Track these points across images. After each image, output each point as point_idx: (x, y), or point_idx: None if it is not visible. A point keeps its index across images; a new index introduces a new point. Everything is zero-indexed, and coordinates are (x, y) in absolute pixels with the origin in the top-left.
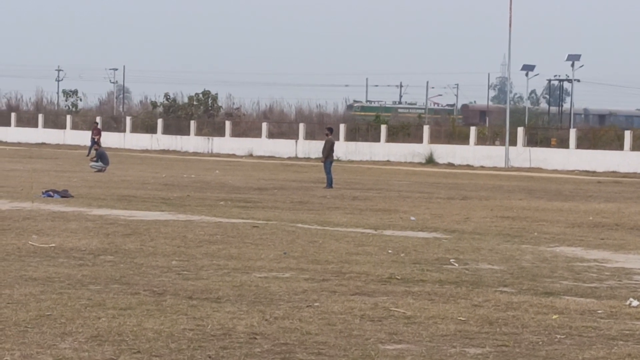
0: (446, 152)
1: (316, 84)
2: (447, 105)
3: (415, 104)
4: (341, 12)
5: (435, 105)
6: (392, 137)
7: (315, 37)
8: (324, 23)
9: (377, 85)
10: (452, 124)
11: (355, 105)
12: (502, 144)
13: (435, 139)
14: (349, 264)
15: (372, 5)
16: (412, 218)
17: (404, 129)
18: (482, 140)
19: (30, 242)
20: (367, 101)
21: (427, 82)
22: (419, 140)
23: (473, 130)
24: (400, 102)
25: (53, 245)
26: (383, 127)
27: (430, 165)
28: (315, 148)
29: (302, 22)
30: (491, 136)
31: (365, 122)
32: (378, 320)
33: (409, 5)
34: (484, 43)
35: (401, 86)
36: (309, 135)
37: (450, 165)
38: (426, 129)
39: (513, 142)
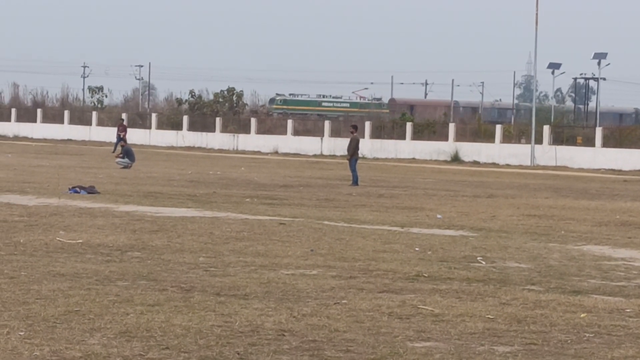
0: (472, 150)
1: (341, 81)
2: (374, 99)
3: (340, 97)
4: (367, 10)
5: (362, 99)
6: (418, 134)
7: (341, 35)
8: (350, 20)
9: (402, 83)
10: (478, 122)
11: (277, 98)
12: (528, 142)
13: (460, 136)
14: (376, 262)
15: (398, 3)
16: (439, 216)
17: (430, 127)
18: (507, 138)
19: (57, 238)
20: (289, 94)
21: (453, 80)
22: (445, 138)
23: (499, 128)
24: (324, 96)
25: (80, 241)
26: (409, 125)
27: (456, 163)
28: (340, 145)
29: (327, 19)
30: (517, 134)
31: (390, 120)
32: (406, 317)
33: (435, 3)
34: (510, 41)
35: (426, 84)
36: (334, 133)
37: (476, 163)
38: (452, 127)
39: (539, 141)
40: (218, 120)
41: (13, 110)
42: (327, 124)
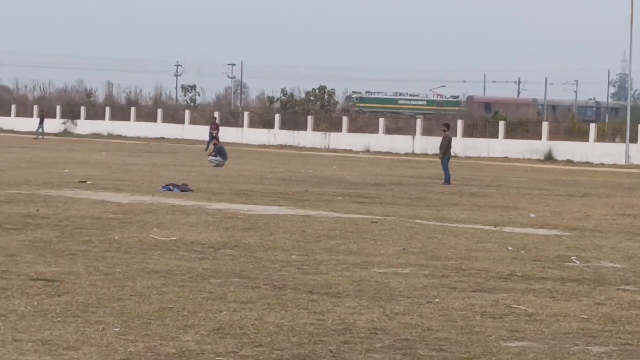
0: (565, 149)
1: (433, 79)
2: (451, 96)
3: (417, 95)
4: (459, 9)
5: (439, 96)
6: (510, 133)
7: (433, 33)
8: (442, 19)
9: (495, 82)
10: (571, 121)
11: (353, 96)
12: (622, 141)
13: (554, 135)
14: (469, 261)
15: (491, 2)
16: (532, 215)
17: (523, 126)
18: (601, 137)
19: (151, 236)
20: (366, 92)
21: (546, 79)
22: (538, 136)
23: (593, 127)
24: (401, 94)
25: (174, 238)
26: (501, 124)
27: (549, 162)
28: (432, 144)
29: (418, 18)
30: (611, 133)
31: (482, 119)
32: (499, 317)
33: (529, 2)
34: (604, 39)
35: (519, 82)
36: (426, 131)
37: (569, 162)
38: (545, 126)
39: (634, 139)
40: (310, 119)
41: (107, 109)
42: (418, 122)
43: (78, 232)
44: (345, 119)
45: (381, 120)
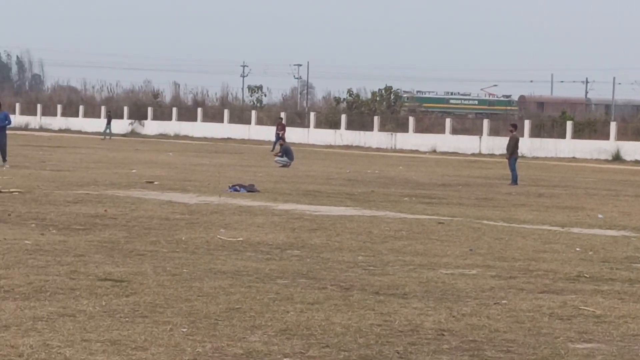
0: (634, 149)
1: (499, 79)
2: (503, 96)
3: (469, 95)
4: (526, 8)
5: (491, 96)
6: (578, 133)
7: (500, 33)
8: (509, 19)
9: (562, 81)
10: None
11: (404, 95)
12: None
13: (622, 135)
14: (536, 262)
15: (559, 1)
16: (600, 216)
17: (590, 126)
18: None
19: (218, 236)
20: (416, 92)
21: (614, 78)
22: (606, 136)
23: None
24: (452, 93)
25: (240, 239)
26: (569, 124)
27: (617, 163)
28: (499, 144)
29: (486, 18)
30: None
31: (550, 119)
32: (567, 318)
33: (597, 2)
34: None
35: (587, 82)
36: (493, 132)
37: (638, 162)
38: (613, 126)
39: None
40: (376, 119)
41: (174, 110)
42: (485, 122)
43: (145, 233)
44: (411, 119)
45: (447, 121)
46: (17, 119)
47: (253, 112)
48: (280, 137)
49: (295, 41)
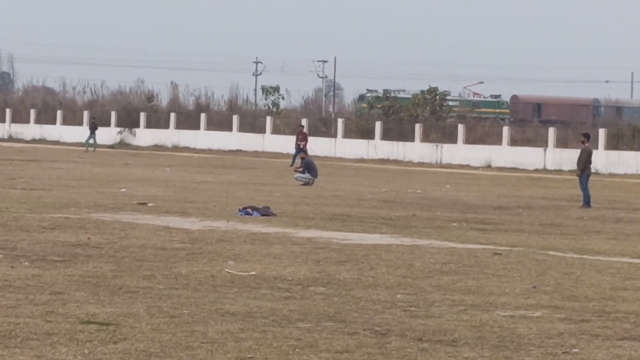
0: None
1: (571, 79)
2: (491, 96)
3: (447, 94)
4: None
5: (475, 95)
6: None
7: (573, 30)
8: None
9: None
10: None
11: (367, 95)
12: None
13: None
14: (614, 302)
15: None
16: None
17: None
18: None
19: (226, 270)
20: (384, 90)
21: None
22: None
23: None
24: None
25: (253, 273)
26: None
27: None
28: (568, 158)
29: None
30: None
31: (630, 127)
32: None
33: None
34: None
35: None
36: (560, 142)
37: None
38: None
39: None
40: (418, 127)
41: (172, 116)
42: (551, 131)
43: (138, 265)
44: (461, 128)
45: (505, 129)
46: None
47: (268, 119)
48: (301, 149)
49: (319, 32)
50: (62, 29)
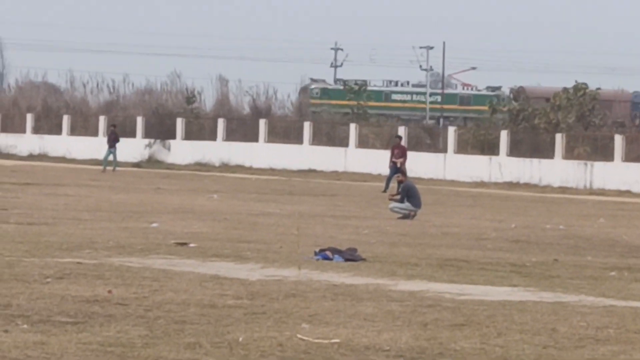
0: None
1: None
2: (488, 87)
3: (423, 86)
4: None
5: (466, 87)
6: None
7: None
8: None
9: None
10: None
11: (312, 87)
12: None
13: None
14: None
15: None
16: None
17: None
18: None
19: (299, 335)
20: (336, 80)
21: None
22: None
23: None
24: (395, 83)
25: (336, 340)
26: None
27: None
28: None
29: None
30: None
31: None
32: None
33: None
34: None
35: None
36: None
37: None
38: None
39: None
40: (558, 138)
41: (220, 122)
42: None
43: (177, 330)
44: (618, 139)
45: None
46: None
47: (352, 127)
48: (398, 169)
49: (420, 10)
50: (67, 6)
